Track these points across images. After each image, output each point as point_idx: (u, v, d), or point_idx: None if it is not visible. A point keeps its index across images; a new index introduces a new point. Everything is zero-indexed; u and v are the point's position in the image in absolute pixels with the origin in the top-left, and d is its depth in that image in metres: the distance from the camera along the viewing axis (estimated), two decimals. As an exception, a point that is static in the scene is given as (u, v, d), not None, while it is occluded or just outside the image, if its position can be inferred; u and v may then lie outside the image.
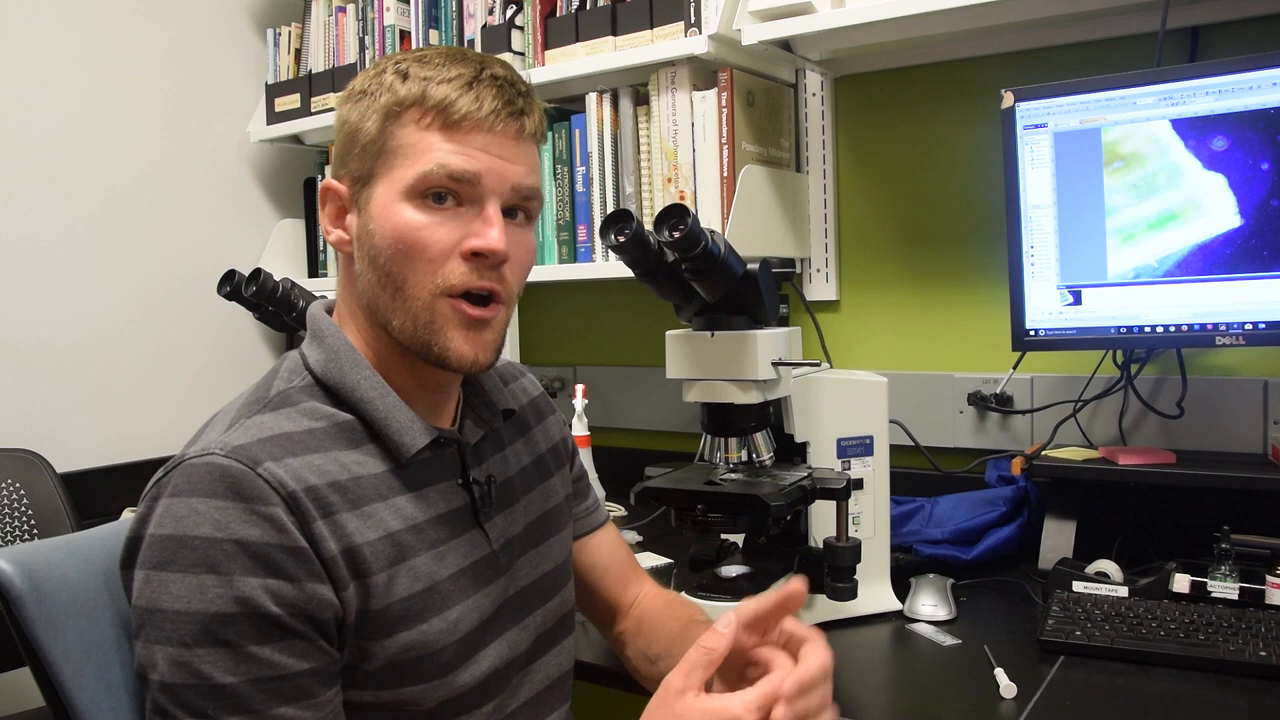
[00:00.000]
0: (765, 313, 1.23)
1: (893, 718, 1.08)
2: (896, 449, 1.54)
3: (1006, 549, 1.50)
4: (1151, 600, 1.21)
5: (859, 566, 1.23)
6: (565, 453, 1.15)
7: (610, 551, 1.19)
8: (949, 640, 1.24)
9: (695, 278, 1.18)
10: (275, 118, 2.31)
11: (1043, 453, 1.52)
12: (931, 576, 1.38)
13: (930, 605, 1.32)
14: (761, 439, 1.27)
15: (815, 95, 1.86)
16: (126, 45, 2.14)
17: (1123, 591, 1.24)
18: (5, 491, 1.75)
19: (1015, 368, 1.66)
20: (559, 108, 1.92)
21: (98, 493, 1.97)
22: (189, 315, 2.24)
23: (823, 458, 1.33)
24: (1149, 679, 1.12)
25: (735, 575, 1.28)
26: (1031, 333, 1.45)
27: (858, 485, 1.28)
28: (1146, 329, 1.37)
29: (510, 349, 1.83)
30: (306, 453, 0.83)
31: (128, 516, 0.94)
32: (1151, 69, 1.36)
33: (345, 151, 0.91)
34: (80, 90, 2.07)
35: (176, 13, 2.23)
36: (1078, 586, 1.26)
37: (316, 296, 1.57)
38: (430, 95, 0.86)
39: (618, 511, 1.83)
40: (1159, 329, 1.37)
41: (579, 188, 1.87)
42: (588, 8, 1.82)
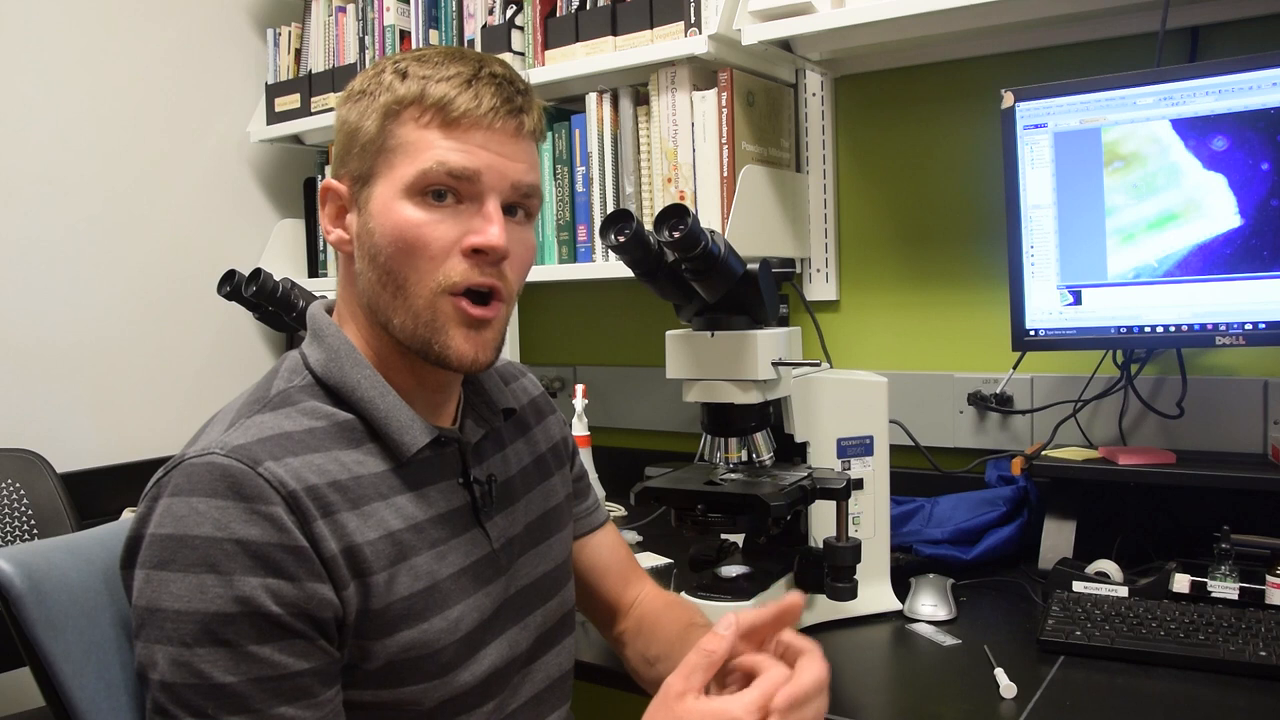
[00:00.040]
0: (765, 313, 1.23)
1: (893, 718, 1.08)
2: (896, 449, 1.54)
3: (1006, 549, 1.50)
4: (1151, 600, 1.21)
5: (859, 566, 1.23)
6: (565, 452, 1.15)
7: (610, 552, 1.19)
8: (949, 640, 1.24)
9: (695, 278, 1.18)
10: (275, 118, 2.31)
11: (1043, 453, 1.52)
12: (931, 576, 1.38)
13: (930, 605, 1.32)
14: (761, 439, 1.27)
15: (815, 95, 1.86)
16: (126, 45, 2.14)
17: (1123, 591, 1.24)
18: (5, 491, 1.75)
19: (1015, 368, 1.66)
20: (559, 108, 1.92)
21: (98, 493, 1.97)
22: (189, 315, 2.24)
23: (823, 458, 1.33)
24: (1149, 679, 1.12)
25: (735, 575, 1.27)
26: (1031, 333, 1.45)
27: (858, 485, 1.28)
28: (1146, 329, 1.37)
29: (510, 349, 1.83)
30: (307, 452, 0.83)
31: (128, 516, 0.94)
32: (1151, 69, 1.36)
33: (345, 151, 0.91)
34: (80, 90, 2.07)
35: (176, 13, 2.23)
36: (1078, 586, 1.26)
37: (316, 296, 1.57)
38: (429, 93, 0.86)
39: (618, 511, 1.83)
40: (1159, 329, 1.37)
41: (579, 188, 1.87)
42: (588, 8, 1.82)
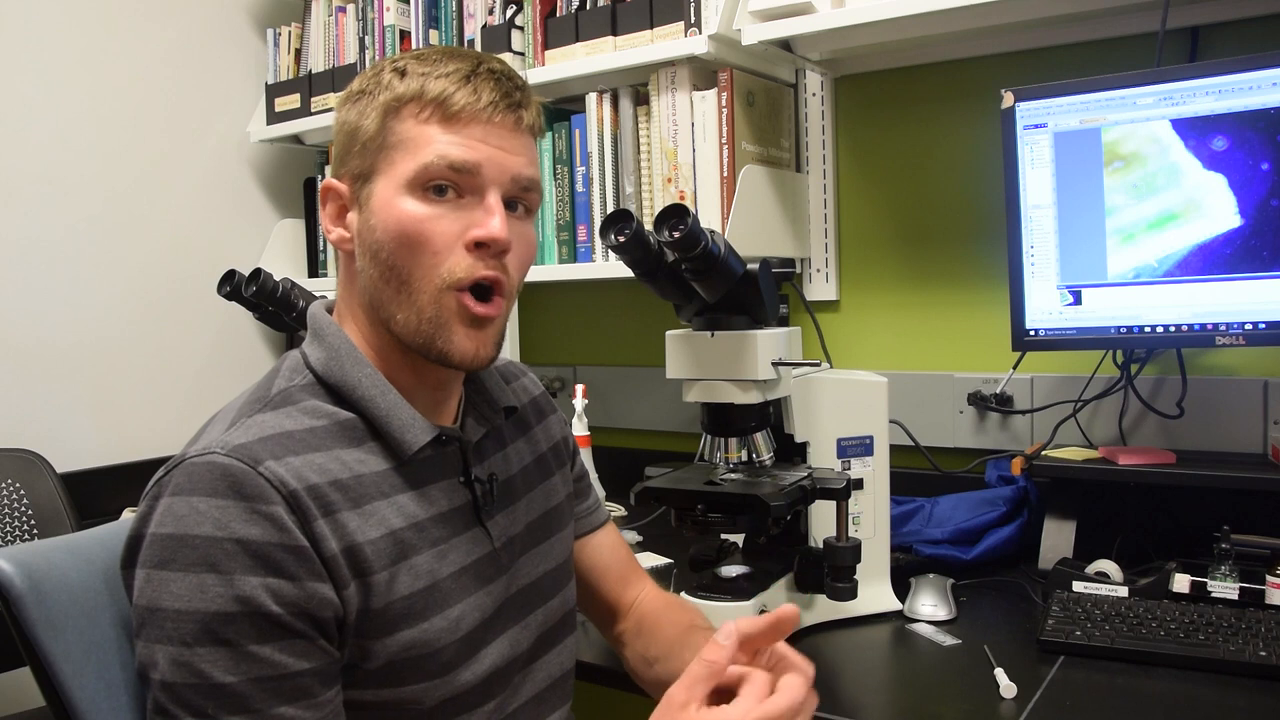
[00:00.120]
0: (765, 313, 1.23)
1: (893, 718, 1.08)
2: (896, 449, 1.54)
3: (1006, 549, 1.50)
4: (1151, 600, 1.21)
5: (859, 566, 1.23)
6: (566, 452, 1.15)
7: (610, 552, 1.18)
8: (949, 640, 1.24)
9: (695, 278, 1.18)
10: (275, 118, 2.31)
11: (1043, 453, 1.52)
12: (931, 576, 1.38)
13: (930, 605, 1.32)
14: (761, 439, 1.27)
15: (815, 95, 1.86)
16: (126, 45, 2.14)
17: (1123, 591, 1.24)
18: (5, 491, 1.75)
19: (1015, 368, 1.66)
20: (559, 108, 1.92)
21: (98, 493, 1.97)
22: (189, 315, 2.24)
23: (823, 458, 1.33)
24: (1149, 679, 1.12)
25: (735, 575, 1.27)
26: (1031, 333, 1.45)
27: (858, 485, 1.28)
28: (1146, 329, 1.37)
29: (510, 348, 1.83)
30: (308, 451, 0.83)
31: (128, 516, 0.94)
32: (1151, 69, 1.36)
33: (345, 151, 0.91)
34: (80, 90, 2.07)
35: (176, 13, 2.23)
36: (1078, 586, 1.26)
37: (316, 296, 1.57)
38: (428, 89, 0.87)
39: (618, 511, 1.83)
40: (1159, 329, 1.37)
41: (579, 188, 1.87)
42: (588, 8, 1.82)
